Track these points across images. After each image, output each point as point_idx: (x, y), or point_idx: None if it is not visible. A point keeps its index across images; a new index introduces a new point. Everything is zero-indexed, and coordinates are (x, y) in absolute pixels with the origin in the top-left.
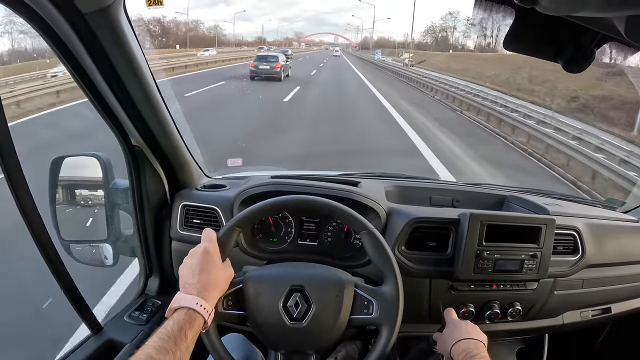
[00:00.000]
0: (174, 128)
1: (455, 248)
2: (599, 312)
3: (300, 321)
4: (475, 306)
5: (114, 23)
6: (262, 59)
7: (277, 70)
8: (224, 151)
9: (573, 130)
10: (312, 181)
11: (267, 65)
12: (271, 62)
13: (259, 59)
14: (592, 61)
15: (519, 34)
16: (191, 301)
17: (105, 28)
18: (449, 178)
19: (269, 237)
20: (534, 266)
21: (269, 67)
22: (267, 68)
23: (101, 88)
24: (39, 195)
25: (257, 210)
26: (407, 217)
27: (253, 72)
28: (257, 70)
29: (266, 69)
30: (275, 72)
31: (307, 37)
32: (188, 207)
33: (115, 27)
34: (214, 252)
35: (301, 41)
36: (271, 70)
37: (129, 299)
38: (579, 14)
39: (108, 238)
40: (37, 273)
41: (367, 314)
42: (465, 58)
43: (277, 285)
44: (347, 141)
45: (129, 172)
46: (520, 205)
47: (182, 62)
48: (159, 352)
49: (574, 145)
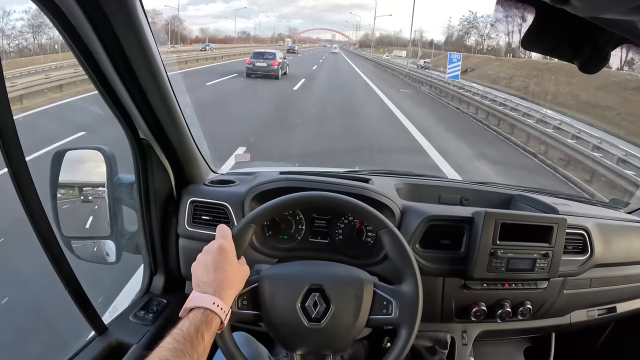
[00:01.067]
0: (184, 121)
1: (469, 246)
2: (604, 312)
3: (319, 321)
4: (487, 305)
5: (129, 9)
6: (259, 56)
7: (275, 68)
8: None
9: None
10: (322, 177)
11: (264, 62)
12: (268, 60)
13: (256, 56)
14: (607, 63)
15: (537, 34)
16: (208, 301)
17: (118, 14)
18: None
19: (279, 235)
20: (546, 265)
21: (266, 65)
22: (264, 65)
23: (111, 78)
24: (41, 190)
25: (273, 206)
26: (422, 215)
27: (249, 69)
28: (254, 68)
29: (263, 66)
30: (272, 70)
31: (302, 34)
32: (197, 203)
33: (129, 12)
34: (229, 249)
35: (295, 38)
36: (268, 67)
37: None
38: (605, 16)
39: (111, 234)
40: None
41: (387, 314)
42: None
43: (295, 284)
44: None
45: (136, 167)
46: (528, 205)
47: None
48: (175, 354)
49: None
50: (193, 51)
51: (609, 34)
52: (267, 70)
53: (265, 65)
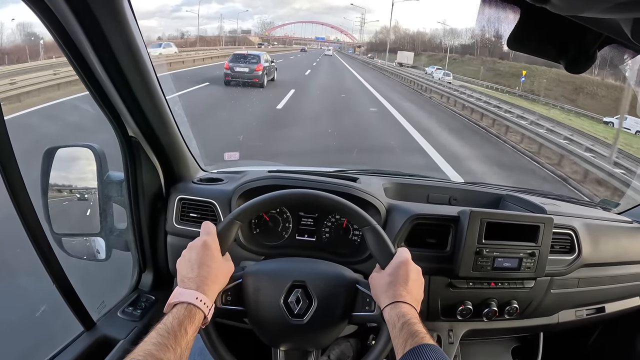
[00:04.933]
0: (172, 119)
1: (455, 245)
2: (593, 312)
3: (302, 317)
4: (473, 304)
5: (117, 10)
6: (239, 59)
7: (258, 74)
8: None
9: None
10: (310, 176)
11: (245, 67)
12: (251, 64)
13: (236, 59)
14: (594, 62)
15: (522, 34)
16: (191, 296)
17: (107, 14)
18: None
19: (267, 233)
20: (532, 264)
21: (248, 70)
22: (246, 71)
23: (99, 76)
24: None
25: (258, 203)
26: (407, 213)
27: (228, 76)
28: (233, 74)
29: (244, 72)
30: (255, 76)
31: (283, 32)
32: (185, 201)
33: (118, 14)
34: (213, 245)
35: (269, 38)
36: (250, 73)
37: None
38: (587, 15)
39: (101, 231)
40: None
41: (369, 311)
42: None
43: (278, 280)
44: None
45: (125, 164)
46: (517, 205)
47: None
48: (158, 348)
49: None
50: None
51: (595, 34)
52: (249, 77)
53: (247, 70)
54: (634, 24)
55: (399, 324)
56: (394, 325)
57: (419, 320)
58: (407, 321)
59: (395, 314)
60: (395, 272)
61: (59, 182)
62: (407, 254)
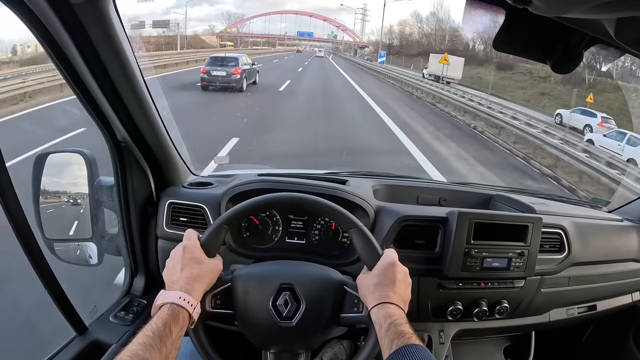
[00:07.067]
0: (161, 124)
1: (444, 246)
2: (584, 310)
3: (290, 320)
4: (464, 304)
5: (103, 15)
6: (216, 62)
7: (236, 78)
8: None
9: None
10: (300, 179)
11: (222, 70)
12: (228, 67)
13: (213, 62)
14: (580, 62)
15: (508, 35)
16: (174, 296)
17: (93, 20)
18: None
19: (257, 236)
20: (522, 264)
21: (225, 74)
22: (223, 75)
23: (87, 81)
24: (22, 192)
25: (246, 207)
26: (395, 215)
27: (204, 80)
28: (209, 78)
29: (221, 75)
30: (233, 80)
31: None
32: (175, 205)
33: (104, 19)
34: (193, 247)
35: (234, 37)
36: (228, 77)
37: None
38: (569, 15)
39: (93, 236)
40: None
41: (357, 312)
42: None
43: (267, 283)
44: None
45: (115, 169)
46: (507, 205)
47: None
48: (144, 349)
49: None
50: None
51: (580, 35)
52: (226, 81)
53: (224, 74)
54: (617, 24)
55: (386, 324)
56: (380, 326)
57: (406, 320)
58: (393, 322)
59: (382, 315)
60: (382, 273)
61: (50, 187)
62: (394, 255)
